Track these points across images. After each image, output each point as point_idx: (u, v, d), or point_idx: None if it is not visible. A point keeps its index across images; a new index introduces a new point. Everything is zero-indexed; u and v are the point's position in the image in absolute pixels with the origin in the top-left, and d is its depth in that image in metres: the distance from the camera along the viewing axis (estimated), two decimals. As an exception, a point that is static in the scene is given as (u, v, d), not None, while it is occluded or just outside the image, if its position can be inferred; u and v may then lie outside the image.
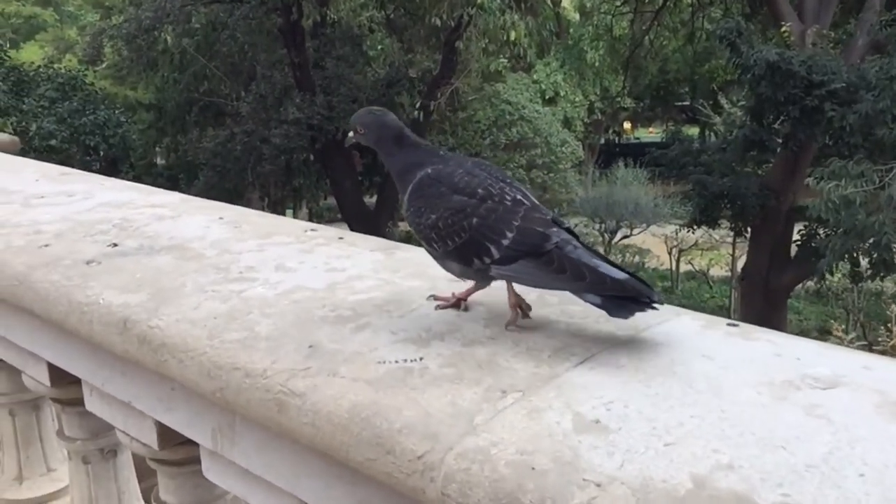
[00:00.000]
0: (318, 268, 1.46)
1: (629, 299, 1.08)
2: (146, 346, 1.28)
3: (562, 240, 1.15)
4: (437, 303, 1.28)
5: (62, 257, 1.60)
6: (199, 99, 21.86)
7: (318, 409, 1.01)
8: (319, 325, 1.21)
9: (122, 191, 2.16)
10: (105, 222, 1.82)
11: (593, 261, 1.12)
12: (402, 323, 1.19)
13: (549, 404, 0.92)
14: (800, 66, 13.52)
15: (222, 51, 20.69)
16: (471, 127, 25.74)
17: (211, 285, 1.40)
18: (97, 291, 1.43)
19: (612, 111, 35.72)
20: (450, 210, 1.18)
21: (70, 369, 1.73)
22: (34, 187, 2.22)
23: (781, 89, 13.73)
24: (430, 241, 1.21)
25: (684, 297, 23.22)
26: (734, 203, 16.27)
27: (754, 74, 13.95)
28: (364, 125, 1.32)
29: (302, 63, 17.65)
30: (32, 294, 1.53)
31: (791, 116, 14.04)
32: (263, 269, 1.47)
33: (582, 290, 1.11)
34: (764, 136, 15.11)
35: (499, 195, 1.19)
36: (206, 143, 19.19)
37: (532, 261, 1.14)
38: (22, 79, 17.68)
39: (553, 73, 30.93)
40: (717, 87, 26.44)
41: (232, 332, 1.21)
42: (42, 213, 1.92)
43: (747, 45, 14.43)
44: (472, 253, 1.17)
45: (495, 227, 1.16)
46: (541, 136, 26.66)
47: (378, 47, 22.28)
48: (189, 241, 1.65)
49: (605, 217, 25.13)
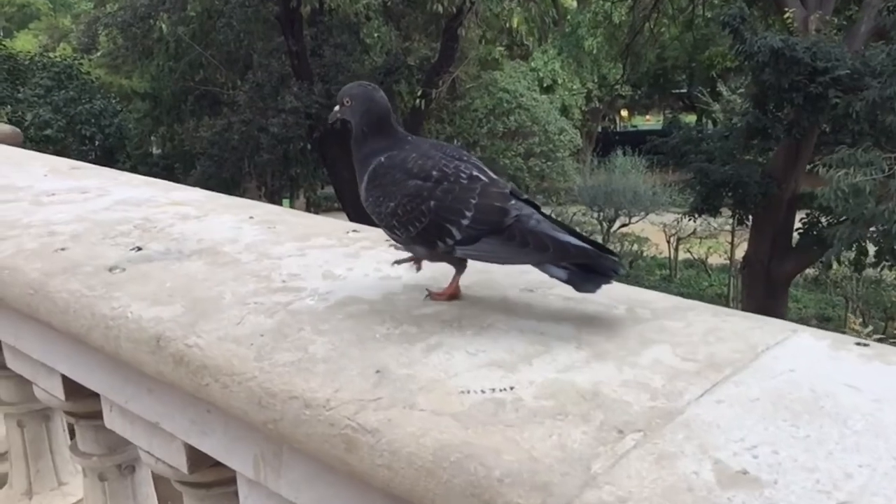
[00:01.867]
0: (369, 275, 1.32)
1: (593, 272, 1.09)
2: (183, 368, 1.14)
3: (522, 213, 1.14)
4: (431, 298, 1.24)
5: (81, 263, 1.45)
6: (195, 88, 21.61)
7: (396, 450, 0.87)
8: (383, 344, 1.07)
9: (139, 187, 2.01)
10: (125, 222, 1.67)
11: (555, 232, 1.13)
12: (479, 342, 1.05)
13: (679, 448, 0.78)
14: (804, 53, 13.39)
15: (218, 39, 20.41)
16: (468, 115, 25.58)
17: (252, 296, 1.25)
18: (124, 303, 1.28)
19: (610, 99, 35.58)
20: (407, 196, 1.17)
21: (88, 384, 1.59)
22: (43, 183, 2.06)
23: (785, 76, 13.61)
24: (392, 229, 1.21)
25: (683, 286, 23.20)
26: (736, 191, 16.18)
27: (758, 61, 13.82)
28: (352, 97, 1.29)
29: (299, 51, 17.41)
30: (49, 305, 1.38)
31: (795, 104, 13.92)
32: (309, 276, 1.32)
33: (546, 261, 1.11)
34: (767, 124, 14.97)
35: (454, 174, 1.18)
36: (203, 132, 18.96)
37: (495, 238, 1.13)
38: (17, 68, 17.41)
39: (551, 61, 30.75)
40: (717, 75, 26.26)
41: (283, 353, 1.07)
42: (55, 213, 1.77)
43: (751, 32, 14.30)
44: (434, 236, 1.17)
45: (453, 208, 1.15)
46: (539, 125, 26.54)
47: (375, 35, 22.05)
48: (221, 244, 1.50)
49: (604, 205, 25.02)
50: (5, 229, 1.68)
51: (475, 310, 1.16)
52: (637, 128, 42.41)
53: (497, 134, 26.15)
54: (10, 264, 1.51)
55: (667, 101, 40.87)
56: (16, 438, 2.24)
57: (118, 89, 21.82)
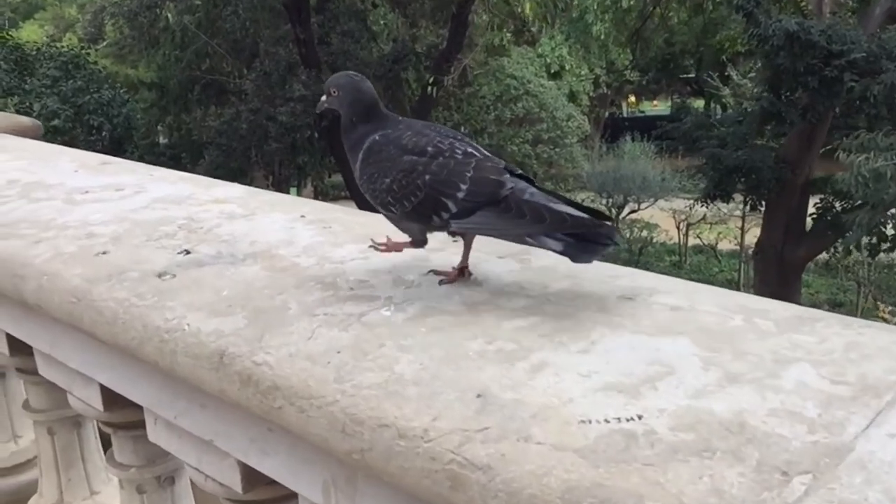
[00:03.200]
0: (452, 287, 1.20)
1: (589, 241, 1.09)
2: (251, 388, 1.03)
3: (517, 186, 1.15)
4: (439, 278, 1.23)
5: (126, 268, 1.35)
6: (202, 77, 21.49)
7: (515, 491, 0.76)
8: (478, 363, 0.96)
9: (176, 183, 1.89)
10: (168, 222, 1.56)
11: (551, 202, 1.13)
12: (589, 361, 0.94)
13: (861, 496, 0.67)
14: (819, 36, 13.22)
15: (224, 28, 20.28)
16: (476, 102, 25.40)
17: (320, 306, 1.15)
18: (179, 314, 1.17)
19: (618, 85, 35.34)
20: (402, 171, 1.18)
21: (132, 397, 1.48)
22: (75, 179, 1.95)
23: (800, 60, 13.45)
24: (388, 206, 1.20)
25: (693, 272, 23.10)
26: (749, 177, 16.03)
27: (772, 45, 13.64)
28: (339, 87, 1.29)
29: (307, 39, 17.25)
30: (94, 315, 1.28)
31: (810, 87, 13.75)
32: (378, 283, 1.21)
33: (543, 231, 1.11)
34: (782, 108, 14.79)
35: (449, 150, 1.19)
36: (211, 121, 18.84)
37: (490, 210, 1.14)
38: (24, 58, 17.29)
39: (558, 47, 30.49)
40: (727, 59, 25.99)
41: (366, 374, 0.96)
42: (91, 212, 1.66)
43: (765, 15, 14.10)
44: (430, 210, 1.17)
45: (449, 181, 1.15)
46: (546, 111, 26.35)
47: (381, 23, 21.88)
48: (276, 247, 1.39)
49: (613, 192, 24.86)
50: (40, 230, 1.58)
51: (571, 322, 1.05)
52: (645, 113, 42.08)
53: (505, 121, 25.98)
54: (49, 269, 1.40)
55: (674, 86, 40.54)
56: (46, 447, 2.15)
57: (124, 79, 21.70)
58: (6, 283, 1.48)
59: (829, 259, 20.48)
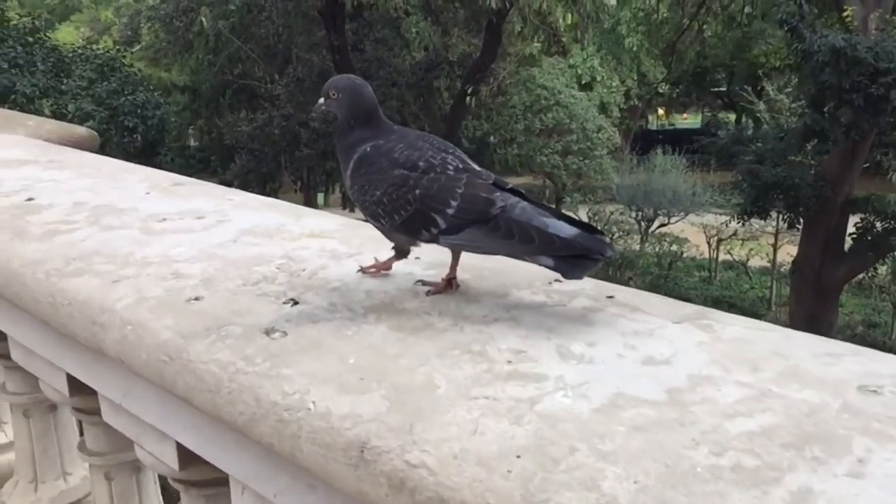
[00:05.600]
0: (624, 357, 0.99)
1: (581, 256, 1.09)
2: (405, 497, 0.82)
3: (508, 204, 1.14)
4: (426, 288, 1.24)
5: (226, 320, 1.15)
6: (234, 81, 21.53)
7: None
8: (716, 485, 0.74)
9: (261, 210, 1.70)
10: (264, 261, 1.36)
11: (542, 219, 1.12)
12: (867, 491, 0.72)
13: None
14: (866, 53, 12.91)
15: (258, 33, 20.31)
16: (505, 112, 25.24)
17: (475, 385, 0.94)
18: (300, 387, 0.97)
19: (648, 97, 35.06)
20: (393, 185, 1.17)
21: (218, 462, 1.28)
22: (148, 203, 1.76)
23: (846, 76, 13.15)
24: (378, 217, 1.21)
25: (723, 288, 22.80)
26: (787, 194, 15.69)
27: (817, 61, 13.32)
28: (339, 89, 1.27)
29: (341, 46, 17.18)
30: (192, 380, 1.08)
31: (855, 105, 13.43)
32: (540, 355, 1.00)
33: (532, 252, 1.10)
34: (825, 126, 14.45)
35: (440, 165, 1.18)
36: (244, 126, 18.81)
37: (479, 228, 1.13)
38: (61, 59, 17.37)
39: (590, 58, 30.30)
40: (764, 74, 25.60)
41: (564, 492, 0.75)
42: (172, 245, 1.46)
43: (810, 30, 13.79)
44: (419, 225, 1.17)
45: (439, 197, 1.15)
46: (577, 122, 26.17)
47: (413, 31, 21.79)
48: (399, 300, 1.18)
49: (643, 205, 24.56)
50: (118, 267, 1.38)
51: (815, 426, 0.83)
52: (675, 126, 41.68)
53: (534, 131, 25.81)
54: (133, 318, 1.21)
55: (705, 100, 40.13)
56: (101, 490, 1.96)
57: (157, 82, 21.78)
58: (82, 331, 1.29)
59: (862, 279, 20.04)
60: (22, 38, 16.70)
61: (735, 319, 1.08)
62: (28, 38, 16.85)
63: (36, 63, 15.69)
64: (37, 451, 2.26)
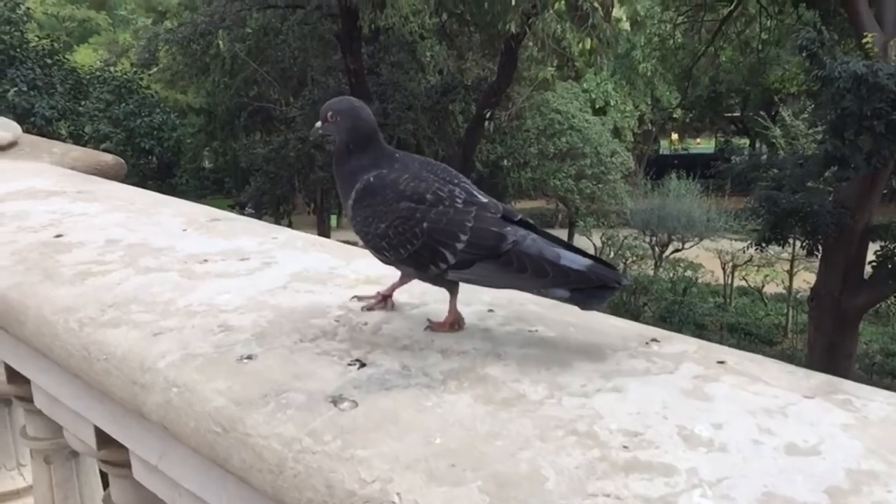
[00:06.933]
0: (761, 443, 0.84)
1: (596, 287, 1.07)
2: None
3: (518, 237, 1.11)
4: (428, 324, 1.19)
5: (285, 385, 1.01)
6: (249, 104, 21.60)
7: None
8: None
9: (308, 250, 1.56)
10: (320, 312, 1.23)
11: (553, 251, 1.10)
12: None
13: None
14: (888, 80, 12.81)
15: (274, 56, 20.41)
16: (519, 136, 25.23)
17: (591, 478, 0.80)
18: (379, 472, 0.83)
19: (662, 122, 35.04)
20: (399, 217, 1.13)
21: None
22: (185, 242, 1.63)
23: (867, 103, 13.05)
24: (382, 251, 1.17)
25: (739, 315, 22.58)
26: (806, 221, 15.54)
27: (838, 87, 13.23)
28: (338, 112, 1.22)
29: (357, 69, 17.20)
30: (250, 457, 0.94)
31: (876, 132, 13.32)
32: (660, 439, 0.86)
33: (545, 286, 1.08)
34: (846, 153, 14.33)
35: (448, 198, 1.14)
36: (259, 148, 18.81)
37: (490, 262, 1.10)
38: (80, 82, 17.43)
39: (603, 82, 30.34)
40: (780, 99, 25.52)
41: None
42: (217, 291, 1.33)
43: (830, 57, 13.71)
44: (426, 260, 1.13)
45: (448, 231, 1.11)
46: (590, 146, 26.14)
47: (427, 55, 21.83)
48: (481, 363, 1.04)
49: (657, 230, 24.44)
50: (159, 316, 1.25)
51: None
52: (688, 150, 41.57)
53: (548, 155, 25.78)
54: (179, 379, 1.07)
55: (718, 125, 40.08)
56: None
57: (173, 104, 21.87)
58: (119, 390, 1.16)
59: (879, 307, 19.77)
60: (41, 59, 16.81)
61: (873, 393, 0.94)
62: (47, 60, 16.96)
63: (55, 85, 15.75)
64: (57, 499, 2.13)
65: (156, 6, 26.49)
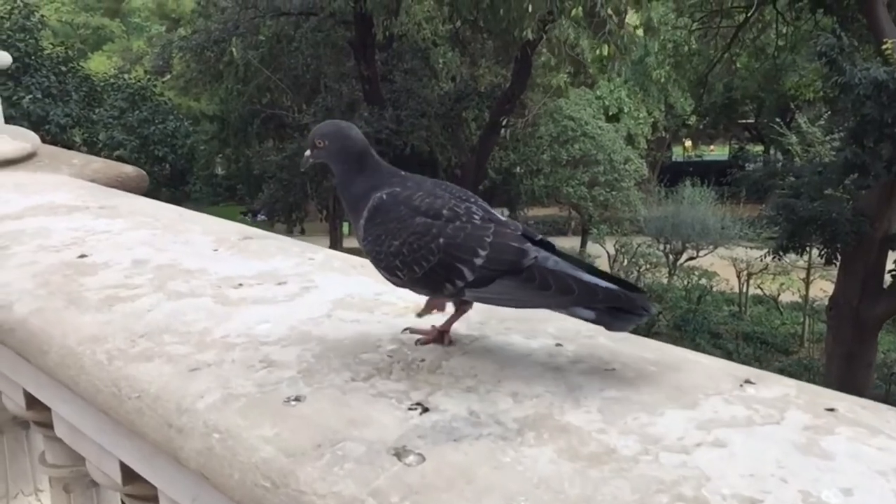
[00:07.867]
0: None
1: (621, 309, 1.02)
2: None
3: (540, 255, 1.07)
4: (417, 337, 1.16)
5: (341, 434, 0.90)
6: (262, 111, 21.60)
7: None
8: None
9: (348, 273, 1.46)
10: (370, 346, 1.12)
11: (577, 272, 1.05)
12: None
13: None
14: (909, 86, 12.66)
15: (287, 63, 20.41)
16: (532, 142, 25.14)
17: (710, 558, 0.68)
18: (460, 546, 0.72)
19: (675, 128, 34.87)
20: (415, 234, 1.08)
21: None
22: (218, 263, 1.52)
23: (888, 110, 12.90)
24: (394, 271, 1.11)
25: (754, 323, 22.37)
26: (825, 229, 15.37)
27: (858, 94, 13.08)
28: (325, 136, 1.19)
29: (371, 76, 17.17)
30: (305, 518, 0.83)
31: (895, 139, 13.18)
32: (782, 509, 0.74)
33: (571, 304, 1.03)
34: (866, 160, 14.16)
35: (465, 214, 1.10)
36: (272, 155, 18.79)
37: (510, 279, 1.05)
38: (94, 89, 17.46)
39: (616, 89, 30.20)
40: (797, 106, 25.31)
41: None
42: (255, 320, 1.23)
43: (849, 63, 13.55)
44: (442, 278, 1.07)
45: (466, 247, 1.06)
46: (604, 153, 26.02)
47: (440, 61, 21.79)
48: (559, 408, 0.93)
49: (671, 237, 24.26)
50: (194, 349, 1.15)
51: None
52: (702, 157, 41.31)
53: (561, 162, 25.67)
54: (221, 423, 0.97)
55: (732, 131, 39.84)
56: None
57: (187, 111, 21.89)
58: (153, 432, 1.05)
59: (895, 316, 19.51)
60: (55, 67, 16.86)
61: None
62: (61, 68, 17.01)
63: (69, 92, 15.77)
64: (77, 529, 2.02)
65: (170, 14, 26.56)
